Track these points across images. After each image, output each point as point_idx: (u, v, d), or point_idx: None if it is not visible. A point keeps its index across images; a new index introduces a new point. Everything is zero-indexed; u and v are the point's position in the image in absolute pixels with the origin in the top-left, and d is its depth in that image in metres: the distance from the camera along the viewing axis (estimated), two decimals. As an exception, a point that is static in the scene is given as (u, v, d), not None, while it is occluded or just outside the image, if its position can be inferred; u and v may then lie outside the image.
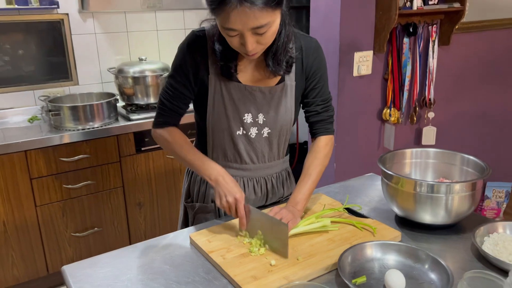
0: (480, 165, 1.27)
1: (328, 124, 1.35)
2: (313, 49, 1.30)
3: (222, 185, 1.21)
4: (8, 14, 2.52)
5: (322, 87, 1.33)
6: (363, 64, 2.30)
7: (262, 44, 1.12)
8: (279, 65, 1.22)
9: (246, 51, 1.10)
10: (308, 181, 1.28)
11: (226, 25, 1.05)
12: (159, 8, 2.97)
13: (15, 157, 2.21)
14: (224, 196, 1.19)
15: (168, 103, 1.29)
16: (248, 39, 1.07)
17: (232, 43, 1.11)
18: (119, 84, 2.68)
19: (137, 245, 1.24)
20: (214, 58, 1.23)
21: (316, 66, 1.30)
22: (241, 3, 1.00)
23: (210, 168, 1.24)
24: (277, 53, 1.20)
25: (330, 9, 2.21)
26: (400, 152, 1.39)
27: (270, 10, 1.04)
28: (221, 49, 1.20)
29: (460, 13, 2.43)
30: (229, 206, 1.19)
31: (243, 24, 1.03)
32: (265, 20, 1.04)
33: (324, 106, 1.34)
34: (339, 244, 1.16)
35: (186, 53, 1.24)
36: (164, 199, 2.70)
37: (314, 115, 1.34)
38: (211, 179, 1.23)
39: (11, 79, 2.62)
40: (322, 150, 1.33)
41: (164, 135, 1.31)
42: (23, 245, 2.34)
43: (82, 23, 2.75)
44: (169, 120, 1.31)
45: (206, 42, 1.24)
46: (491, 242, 1.13)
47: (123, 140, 2.48)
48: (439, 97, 2.67)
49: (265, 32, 1.07)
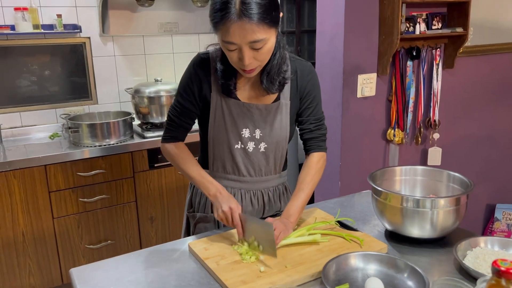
0: (464, 182, 1.33)
1: (321, 141, 1.44)
2: (307, 71, 1.41)
3: (219, 199, 1.31)
4: (35, 38, 2.72)
5: (315, 107, 1.43)
6: (366, 86, 2.38)
7: (258, 61, 1.23)
8: (272, 84, 1.33)
9: (243, 66, 1.22)
10: (301, 195, 1.36)
11: (226, 39, 1.17)
12: (175, 32, 3.14)
13: (35, 171, 2.35)
14: (220, 207, 1.29)
15: (176, 119, 1.42)
16: (246, 53, 1.18)
17: (231, 58, 1.23)
18: (135, 103, 2.83)
19: (140, 251, 1.34)
20: (216, 77, 1.35)
21: (310, 87, 1.41)
22: (240, 17, 1.12)
23: (209, 184, 1.35)
24: (271, 72, 1.32)
25: (335, 33, 2.31)
26: (390, 170, 1.46)
27: (266, 26, 1.16)
28: (222, 68, 1.32)
29: (463, 37, 2.50)
30: (225, 216, 1.28)
31: (242, 37, 1.15)
32: (262, 35, 1.16)
33: (317, 124, 1.44)
34: (327, 254, 1.22)
35: (192, 73, 1.37)
36: (175, 214, 2.80)
37: (307, 132, 1.44)
38: (210, 194, 1.34)
39: (36, 98, 2.80)
40: (314, 166, 1.41)
41: (170, 150, 1.43)
42: (40, 255, 2.46)
43: (103, 46, 2.93)
44: (176, 135, 1.44)
45: (210, 63, 1.36)
46: (473, 256, 1.18)
47: (137, 157, 2.61)
48: (445, 119, 2.72)
49: (261, 48, 1.19)
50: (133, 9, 2.97)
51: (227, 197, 1.31)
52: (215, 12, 1.15)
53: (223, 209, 1.28)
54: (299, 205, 1.36)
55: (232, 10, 1.12)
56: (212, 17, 1.17)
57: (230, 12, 1.12)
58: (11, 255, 2.38)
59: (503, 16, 2.86)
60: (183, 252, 1.32)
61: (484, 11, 2.75)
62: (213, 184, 1.35)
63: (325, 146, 1.46)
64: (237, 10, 1.12)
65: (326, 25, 2.37)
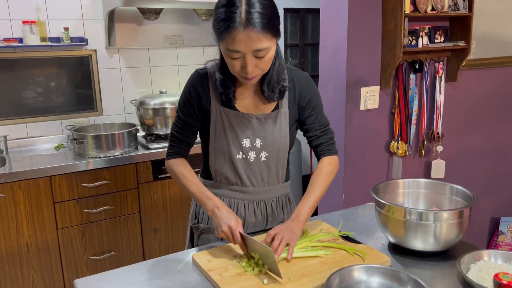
0: (468, 195, 1.33)
1: (330, 145, 1.46)
2: (304, 80, 1.45)
3: (218, 216, 1.32)
4: (43, 50, 2.76)
5: (318, 114, 1.45)
6: (369, 98, 2.39)
7: (260, 69, 1.26)
8: (273, 92, 1.37)
9: (245, 74, 1.25)
10: (312, 196, 1.37)
11: (231, 47, 1.19)
12: (180, 45, 3.18)
13: (40, 182, 2.37)
14: (219, 226, 1.30)
15: (178, 134, 1.44)
16: (249, 61, 1.22)
17: (234, 67, 1.25)
18: (140, 115, 2.85)
19: (144, 262, 1.34)
20: (215, 91, 1.38)
21: (310, 95, 1.44)
22: (246, 27, 1.16)
23: (207, 199, 1.37)
24: (272, 81, 1.36)
25: (338, 46, 2.33)
26: (393, 182, 1.47)
27: (269, 35, 1.20)
28: (221, 78, 1.35)
29: (466, 50, 2.51)
30: (226, 235, 1.29)
31: (247, 45, 1.18)
32: (265, 44, 1.20)
33: (323, 130, 1.46)
34: (330, 267, 1.23)
35: (191, 88, 1.41)
36: (178, 226, 2.80)
37: (314, 139, 1.46)
38: (208, 209, 1.36)
39: (42, 109, 2.83)
40: (325, 168, 1.43)
41: (172, 166, 1.46)
42: (44, 266, 2.46)
43: (109, 58, 2.97)
44: (179, 151, 1.46)
45: (208, 78, 1.39)
46: (476, 269, 1.18)
47: (141, 168, 2.62)
48: (448, 131, 2.73)
49: (264, 56, 1.23)
50: (139, 23, 3.01)
51: (226, 214, 1.31)
52: (220, 21, 1.18)
53: (223, 229, 1.28)
54: (309, 204, 1.36)
55: (238, 20, 1.16)
56: (217, 27, 1.20)
57: (235, 21, 1.16)
58: (15, 266, 2.39)
59: (506, 29, 2.88)
60: (186, 263, 1.32)
61: (486, 24, 2.77)
62: (211, 200, 1.36)
63: (335, 149, 1.48)
64: (243, 20, 1.16)
65: (329, 39, 2.39)
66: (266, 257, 1.21)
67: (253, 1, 1.17)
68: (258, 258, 1.25)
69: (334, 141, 1.49)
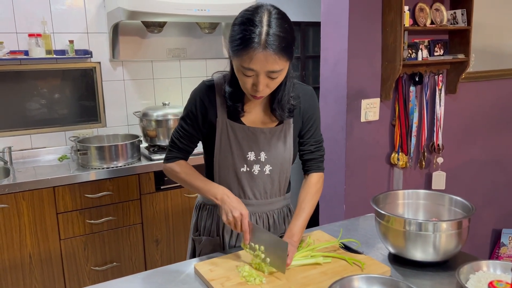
0: (466, 206, 1.35)
1: (320, 162, 1.49)
2: (309, 96, 1.47)
3: (228, 203, 1.33)
4: (48, 63, 2.80)
5: (315, 130, 1.49)
6: (370, 110, 2.42)
7: (270, 88, 1.29)
8: (283, 111, 1.39)
9: (255, 92, 1.27)
10: (302, 215, 1.40)
11: (246, 65, 1.21)
12: (183, 58, 3.22)
13: (44, 193, 2.39)
14: (230, 212, 1.31)
15: (178, 142, 1.46)
16: (261, 80, 1.24)
17: (245, 83, 1.27)
18: (143, 126, 2.88)
19: (146, 272, 1.36)
20: (221, 103, 1.40)
21: (311, 111, 1.47)
22: (265, 48, 1.18)
23: (214, 189, 1.38)
24: (282, 101, 1.38)
25: (338, 59, 2.37)
26: (393, 193, 1.48)
27: (285, 59, 1.22)
28: (230, 91, 1.37)
29: (465, 63, 2.54)
30: (234, 221, 1.31)
31: (262, 66, 1.20)
32: (280, 66, 1.22)
33: (317, 146, 1.49)
34: (331, 277, 1.24)
35: (197, 99, 1.42)
36: (180, 237, 2.81)
37: (307, 153, 1.49)
38: (217, 198, 1.36)
39: (46, 121, 2.87)
40: (314, 186, 1.46)
41: (172, 167, 1.47)
42: (46, 276, 2.47)
43: (112, 70, 3.01)
44: (178, 155, 1.48)
45: (215, 90, 1.41)
46: (475, 279, 1.19)
47: (144, 179, 2.64)
48: (448, 143, 2.75)
49: (276, 77, 1.25)
50: (143, 36, 3.06)
51: (236, 202, 1.33)
52: (239, 39, 1.20)
53: (234, 215, 1.30)
54: (301, 224, 1.39)
55: (257, 40, 1.17)
56: (236, 43, 1.21)
57: (255, 42, 1.17)
58: (17, 277, 2.40)
59: (505, 43, 2.92)
60: (188, 273, 1.34)
61: (486, 37, 2.81)
62: (219, 188, 1.38)
63: (323, 167, 1.51)
64: (262, 41, 1.17)
65: (330, 51, 2.43)
66: (277, 249, 1.23)
67: (274, 23, 1.19)
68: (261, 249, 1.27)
69: (324, 158, 1.52)
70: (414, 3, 2.43)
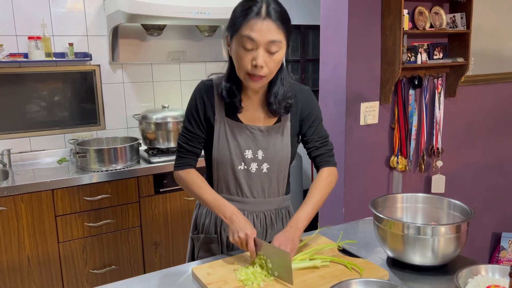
0: (465, 209, 1.34)
1: (329, 157, 1.50)
2: (305, 94, 1.49)
3: (236, 223, 1.34)
4: (47, 66, 2.80)
5: (317, 126, 1.50)
6: (369, 113, 2.42)
7: (268, 68, 1.30)
8: (280, 105, 1.41)
9: (254, 70, 1.28)
10: (310, 204, 1.40)
11: (247, 33, 1.25)
12: (183, 60, 3.22)
13: (43, 195, 2.39)
14: (236, 232, 1.32)
15: (185, 145, 1.47)
16: (260, 53, 1.26)
17: (243, 61, 1.28)
18: (142, 129, 2.88)
19: (144, 275, 1.35)
20: (220, 102, 1.42)
21: (310, 109, 1.49)
22: (265, 18, 1.25)
23: (224, 207, 1.38)
24: (279, 94, 1.40)
25: (338, 63, 2.37)
26: (391, 197, 1.48)
27: (283, 30, 1.28)
28: (228, 86, 1.39)
29: (465, 67, 2.54)
30: (240, 241, 1.31)
31: (263, 35, 1.25)
32: (280, 37, 1.27)
33: (322, 141, 1.49)
34: (329, 281, 1.23)
35: (197, 98, 1.45)
36: (179, 240, 2.81)
37: (314, 150, 1.49)
38: (226, 217, 1.37)
39: (46, 123, 2.87)
40: (324, 180, 1.46)
41: (184, 177, 1.47)
42: (44, 279, 2.47)
43: (112, 73, 3.01)
44: (188, 161, 1.48)
45: (213, 89, 1.43)
46: (474, 284, 1.18)
47: (143, 182, 2.64)
48: (448, 147, 2.75)
49: (275, 53, 1.28)
50: (142, 38, 3.06)
51: (244, 222, 1.34)
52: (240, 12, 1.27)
53: (240, 235, 1.30)
54: (307, 211, 1.39)
55: (256, 10, 1.25)
56: (237, 17, 1.27)
57: (254, 11, 1.25)
58: (16, 279, 2.39)
59: (504, 46, 2.92)
60: (187, 277, 1.33)
61: (485, 41, 2.81)
62: (229, 207, 1.38)
63: (334, 161, 1.51)
64: (263, 11, 1.25)
65: (330, 55, 2.43)
66: (281, 260, 1.22)
67: (272, 2, 1.27)
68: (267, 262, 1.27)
69: (333, 153, 1.52)
70: (414, 6, 2.43)
